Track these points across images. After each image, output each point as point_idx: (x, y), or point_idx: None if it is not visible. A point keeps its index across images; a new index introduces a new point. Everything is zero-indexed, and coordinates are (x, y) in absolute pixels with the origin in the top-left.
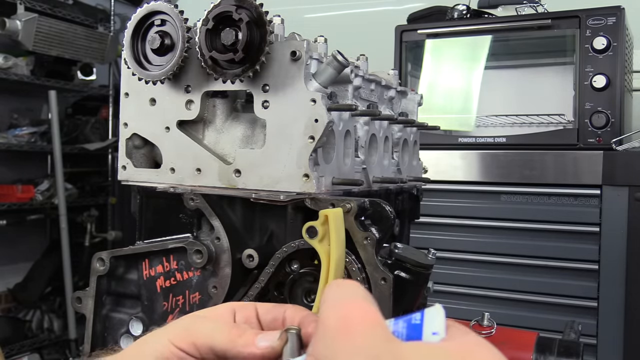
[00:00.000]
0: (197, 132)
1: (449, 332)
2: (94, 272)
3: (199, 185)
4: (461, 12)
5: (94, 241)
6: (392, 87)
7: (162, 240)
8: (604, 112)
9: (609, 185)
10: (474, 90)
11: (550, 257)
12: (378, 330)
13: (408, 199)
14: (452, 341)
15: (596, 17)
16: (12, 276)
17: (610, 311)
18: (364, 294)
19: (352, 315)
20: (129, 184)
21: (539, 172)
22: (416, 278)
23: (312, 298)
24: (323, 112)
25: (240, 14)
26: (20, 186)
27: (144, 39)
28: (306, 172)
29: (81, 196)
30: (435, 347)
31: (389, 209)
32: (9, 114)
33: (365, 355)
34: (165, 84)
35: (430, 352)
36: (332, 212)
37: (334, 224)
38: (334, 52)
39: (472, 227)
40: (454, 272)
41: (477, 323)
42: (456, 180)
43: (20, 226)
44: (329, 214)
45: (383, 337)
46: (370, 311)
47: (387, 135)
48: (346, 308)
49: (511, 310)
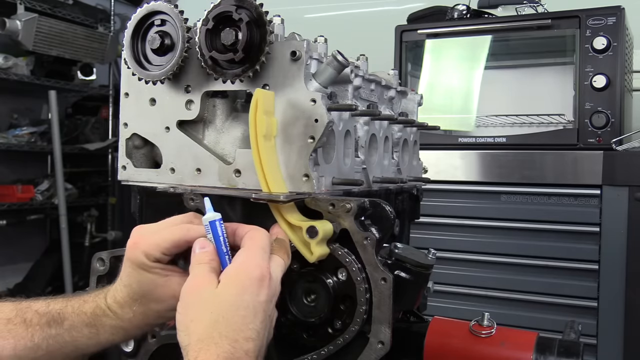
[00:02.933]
0: (197, 132)
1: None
2: (94, 272)
3: (199, 185)
4: (461, 12)
5: (94, 241)
6: (392, 87)
7: None
8: (604, 112)
9: (609, 185)
10: (474, 90)
11: (550, 257)
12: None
13: (408, 199)
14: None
15: (596, 17)
16: (12, 276)
17: (610, 311)
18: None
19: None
20: (129, 184)
21: (539, 172)
22: (416, 278)
23: (312, 298)
24: (323, 112)
25: (240, 14)
26: (20, 186)
27: (144, 39)
28: (306, 172)
29: (81, 196)
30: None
31: (389, 209)
32: (9, 114)
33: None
34: (165, 84)
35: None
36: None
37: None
38: (334, 52)
39: (472, 227)
40: (454, 272)
41: (477, 323)
42: (456, 180)
43: (20, 226)
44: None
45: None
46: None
47: (387, 135)
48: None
49: (511, 310)
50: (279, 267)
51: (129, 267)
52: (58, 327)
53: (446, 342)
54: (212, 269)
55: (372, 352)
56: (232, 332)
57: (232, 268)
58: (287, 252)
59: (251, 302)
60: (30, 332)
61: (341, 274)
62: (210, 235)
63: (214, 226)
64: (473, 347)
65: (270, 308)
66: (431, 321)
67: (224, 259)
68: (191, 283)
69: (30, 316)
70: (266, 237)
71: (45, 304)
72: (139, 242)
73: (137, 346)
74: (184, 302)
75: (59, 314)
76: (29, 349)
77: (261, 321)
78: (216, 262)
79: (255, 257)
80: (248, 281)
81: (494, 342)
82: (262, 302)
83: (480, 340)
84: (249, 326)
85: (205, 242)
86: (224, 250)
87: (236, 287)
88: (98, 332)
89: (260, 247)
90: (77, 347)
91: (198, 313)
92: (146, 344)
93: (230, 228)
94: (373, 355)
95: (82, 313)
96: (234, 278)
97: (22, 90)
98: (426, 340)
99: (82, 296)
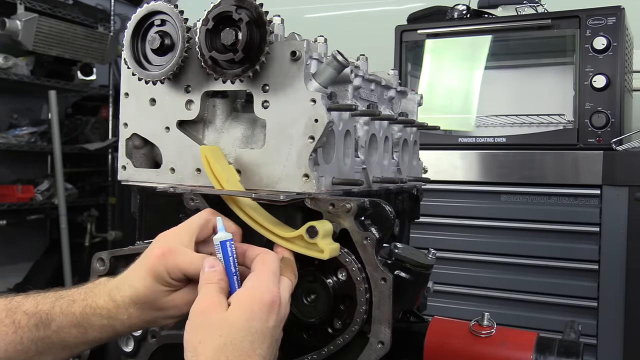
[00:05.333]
0: (197, 132)
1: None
2: (94, 272)
3: (199, 185)
4: (461, 12)
5: (94, 241)
6: (392, 87)
7: None
8: (604, 112)
9: (608, 185)
10: (474, 90)
11: (550, 257)
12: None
13: (408, 199)
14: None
15: (596, 17)
16: (12, 276)
17: (610, 311)
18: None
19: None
20: (129, 184)
21: (539, 172)
22: (416, 278)
23: (312, 298)
24: (323, 112)
25: (240, 14)
26: (20, 186)
27: (144, 39)
28: (306, 172)
29: (81, 196)
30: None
31: (389, 209)
32: (9, 114)
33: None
34: (165, 84)
35: None
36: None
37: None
38: (334, 52)
39: (472, 227)
40: (454, 272)
41: (477, 323)
42: (456, 180)
43: (20, 226)
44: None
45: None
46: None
47: (387, 135)
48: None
49: (511, 310)
50: (287, 290)
51: (144, 273)
52: (46, 329)
53: (446, 342)
54: (221, 289)
55: (372, 352)
56: (239, 357)
57: (243, 292)
58: (294, 272)
59: (260, 328)
60: (20, 335)
61: (341, 274)
62: (220, 255)
63: (225, 246)
64: (473, 347)
65: (277, 333)
66: (431, 321)
67: (232, 280)
68: (201, 305)
69: (19, 317)
70: (277, 261)
71: (34, 303)
72: (166, 257)
73: (137, 346)
74: (193, 323)
75: (47, 315)
76: (19, 351)
77: (268, 346)
78: (225, 282)
79: (266, 281)
80: (258, 307)
81: (494, 342)
82: (270, 327)
83: (480, 340)
84: (257, 352)
85: (215, 262)
86: (233, 270)
87: (246, 312)
88: (86, 332)
89: (271, 271)
90: (65, 347)
91: (206, 335)
92: (146, 344)
93: (240, 249)
94: (373, 355)
95: (70, 313)
96: (244, 303)
97: (22, 90)
98: (426, 340)
99: (72, 294)
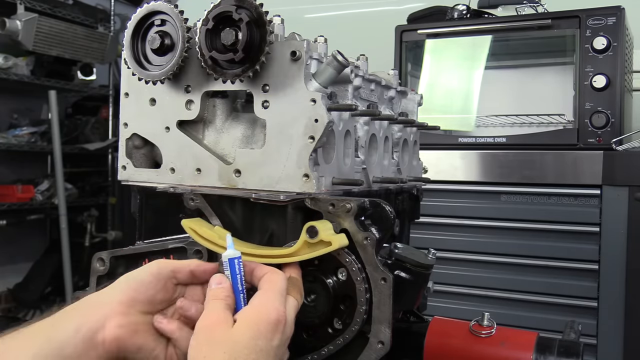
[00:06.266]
0: (197, 132)
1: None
2: (94, 272)
3: (199, 185)
4: (461, 12)
5: (94, 241)
6: (392, 87)
7: (162, 240)
8: (604, 112)
9: (609, 185)
10: (474, 90)
11: (550, 257)
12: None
13: (408, 199)
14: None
15: (596, 17)
16: (12, 276)
17: (610, 311)
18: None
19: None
20: (129, 184)
21: (539, 172)
22: (416, 278)
23: (312, 298)
24: (323, 112)
25: (240, 14)
26: (20, 186)
27: (144, 39)
28: (306, 172)
29: (81, 196)
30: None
31: (389, 209)
32: (9, 114)
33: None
34: (165, 84)
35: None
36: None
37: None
38: (334, 52)
39: (472, 227)
40: (454, 272)
41: (477, 323)
42: (456, 180)
43: (20, 226)
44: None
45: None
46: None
47: (387, 135)
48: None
49: (511, 310)
50: (293, 309)
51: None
52: None
53: (446, 342)
54: (228, 305)
55: (372, 352)
56: None
57: (249, 310)
58: (301, 292)
59: (265, 347)
60: None
61: (341, 274)
62: (227, 272)
63: (233, 264)
64: (473, 347)
65: (281, 352)
66: (431, 321)
67: (238, 298)
68: (207, 320)
69: None
70: (284, 280)
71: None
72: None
73: None
74: (197, 338)
75: None
76: None
77: None
78: (231, 299)
79: (272, 300)
80: (264, 325)
81: (494, 342)
82: (274, 346)
83: (480, 340)
84: None
85: (222, 278)
86: (240, 288)
87: (251, 331)
88: None
89: (278, 291)
90: None
91: (211, 351)
92: None
93: (248, 267)
94: (373, 355)
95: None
96: (250, 321)
97: (22, 90)
98: (426, 340)
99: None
